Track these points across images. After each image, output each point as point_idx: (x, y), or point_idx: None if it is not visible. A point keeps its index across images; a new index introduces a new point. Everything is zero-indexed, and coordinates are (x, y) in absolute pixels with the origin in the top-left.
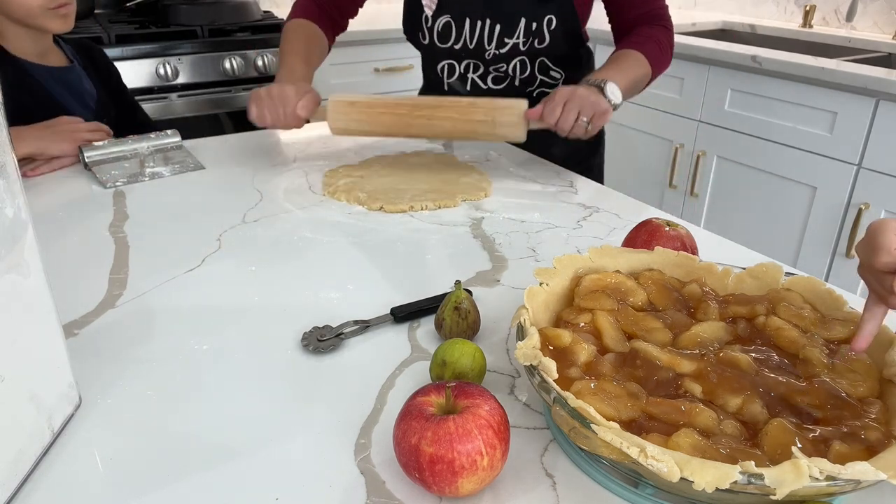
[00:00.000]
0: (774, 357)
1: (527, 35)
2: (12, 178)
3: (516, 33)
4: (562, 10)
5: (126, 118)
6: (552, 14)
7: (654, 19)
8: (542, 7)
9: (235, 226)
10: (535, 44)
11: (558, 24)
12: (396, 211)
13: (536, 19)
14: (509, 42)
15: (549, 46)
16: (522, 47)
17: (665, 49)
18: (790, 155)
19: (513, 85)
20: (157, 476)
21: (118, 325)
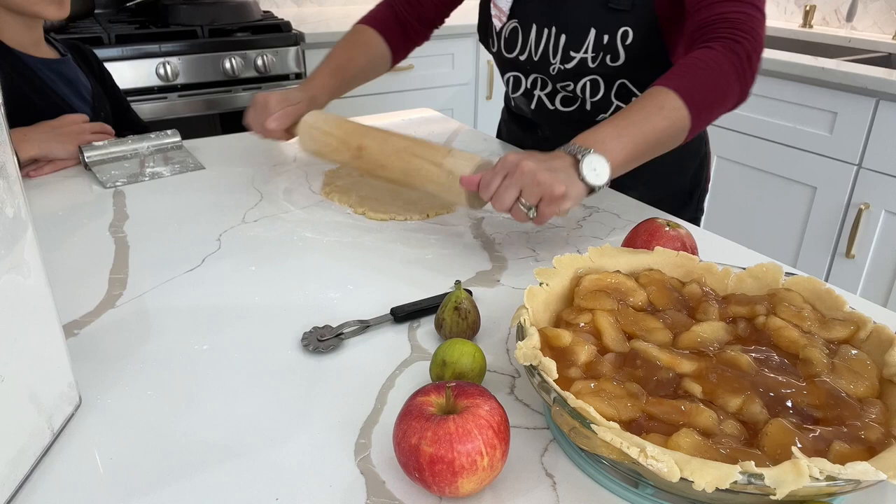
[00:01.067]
0: (774, 357)
1: (597, 50)
2: (12, 178)
3: (584, 46)
4: (640, 21)
5: (119, 116)
6: (628, 26)
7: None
8: (615, 17)
9: (235, 226)
10: (607, 61)
11: (636, 40)
12: (377, 219)
13: (608, 31)
14: (576, 56)
15: (626, 66)
16: (592, 63)
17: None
18: (790, 155)
19: (583, 108)
20: (157, 476)
21: (118, 325)
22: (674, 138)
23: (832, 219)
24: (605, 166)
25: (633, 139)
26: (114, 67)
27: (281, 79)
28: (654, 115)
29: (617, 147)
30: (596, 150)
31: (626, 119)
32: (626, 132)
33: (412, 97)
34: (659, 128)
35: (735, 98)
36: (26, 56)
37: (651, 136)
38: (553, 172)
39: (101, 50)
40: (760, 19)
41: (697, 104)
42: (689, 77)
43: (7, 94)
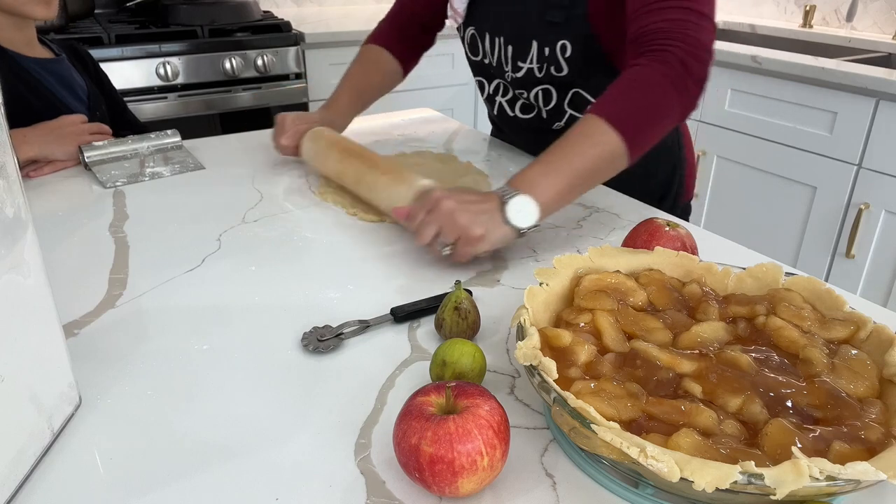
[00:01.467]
0: (774, 357)
1: (540, 61)
2: (12, 178)
3: (529, 57)
4: (576, 34)
5: (115, 116)
6: (565, 39)
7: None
8: (553, 30)
9: (235, 226)
10: (552, 71)
11: (575, 52)
12: (368, 220)
13: (548, 44)
14: (523, 66)
15: (572, 76)
16: (538, 73)
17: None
18: (790, 155)
19: (540, 116)
20: (157, 476)
21: (118, 325)
22: (610, 164)
23: (832, 219)
24: (532, 207)
25: (561, 174)
26: (114, 67)
27: (281, 79)
28: (582, 146)
29: (545, 184)
30: (523, 191)
31: (553, 154)
32: (554, 168)
33: (412, 97)
34: (589, 157)
35: (678, 110)
36: (19, 56)
37: (581, 166)
38: (474, 214)
39: (101, 50)
40: (698, 23)
41: (629, 126)
42: (618, 100)
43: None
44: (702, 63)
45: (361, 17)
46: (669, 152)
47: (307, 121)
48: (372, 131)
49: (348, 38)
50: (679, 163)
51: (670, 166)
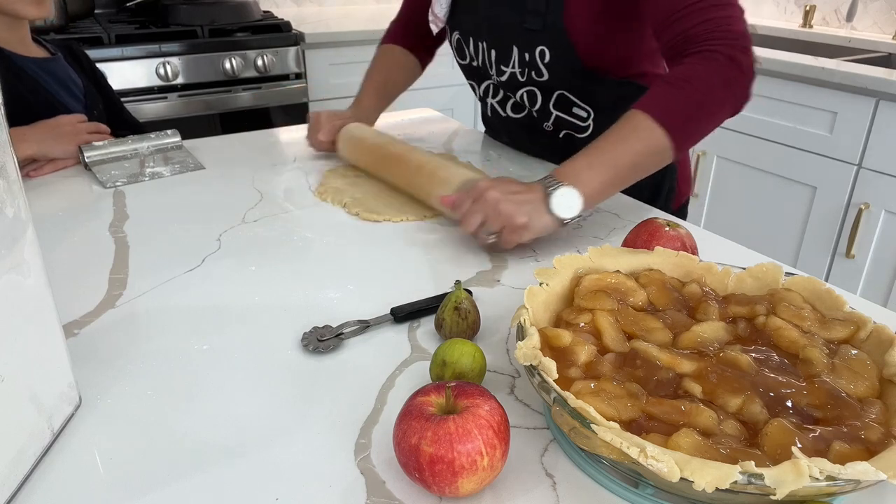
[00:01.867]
0: (774, 357)
1: (521, 66)
2: (12, 178)
3: (511, 62)
4: (554, 41)
5: (113, 116)
6: (543, 45)
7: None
8: (531, 36)
9: (235, 226)
10: (533, 76)
11: (553, 58)
12: (370, 219)
13: (528, 50)
14: (506, 70)
15: (553, 81)
16: (521, 77)
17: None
18: (790, 155)
19: (530, 116)
20: (157, 476)
21: (118, 325)
22: (655, 159)
23: (832, 219)
24: (576, 199)
25: (606, 167)
26: (114, 67)
27: (281, 79)
28: (627, 140)
29: (590, 177)
30: (568, 182)
31: (598, 148)
32: (599, 161)
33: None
34: (633, 151)
35: (731, 103)
36: (15, 55)
37: (626, 160)
38: (517, 204)
39: (101, 50)
40: (730, 15)
41: (673, 121)
42: (664, 96)
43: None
44: (747, 53)
45: (361, 17)
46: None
47: (341, 117)
48: None
49: (348, 38)
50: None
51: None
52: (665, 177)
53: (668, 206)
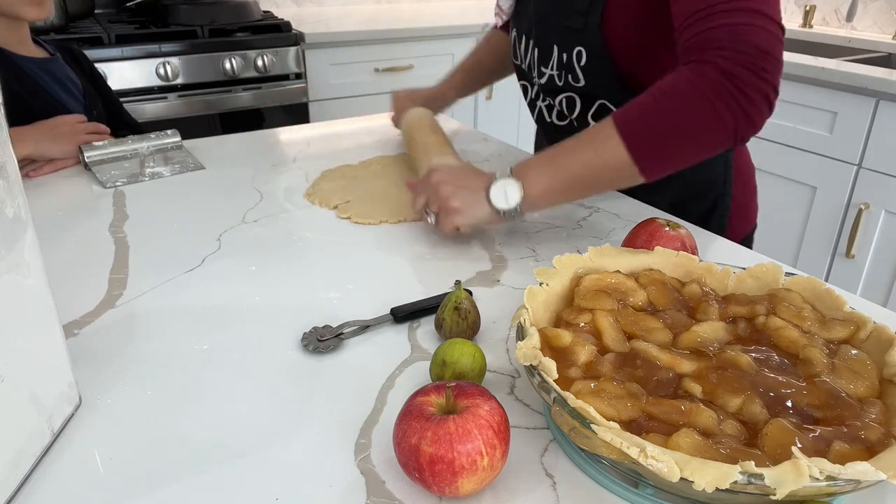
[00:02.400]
0: (774, 357)
1: (559, 68)
2: (12, 178)
3: (550, 63)
4: (591, 42)
5: (112, 116)
6: (581, 46)
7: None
8: (571, 36)
9: (235, 226)
10: (570, 80)
11: (590, 61)
12: (365, 223)
13: (566, 50)
14: (545, 72)
15: (590, 87)
16: (559, 81)
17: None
18: (790, 155)
19: (571, 125)
20: (157, 476)
21: (118, 325)
22: (614, 174)
23: (832, 219)
24: (515, 193)
25: (556, 171)
26: (114, 67)
27: (281, 79)
28: (585, 150)
29: (537, 177)
30: (517, 177)
31: (557, 150)
32: (551, 163)
33: None
34: (585, 161)
35: (720, 131)
36: (14, 55)
37: (576, 169)
38: (456, 188)
39: (101, 50)
40: (752, 23)
41: (637, 139)
42: (635, 109)
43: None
44: (760, 70)
45: (361, 17)
46: (708, 191)
47: (413, 97)
48: (372, 131)
49: (348, 38)
50: (720, 202)
51: (707, 206)
52: (712, 216)
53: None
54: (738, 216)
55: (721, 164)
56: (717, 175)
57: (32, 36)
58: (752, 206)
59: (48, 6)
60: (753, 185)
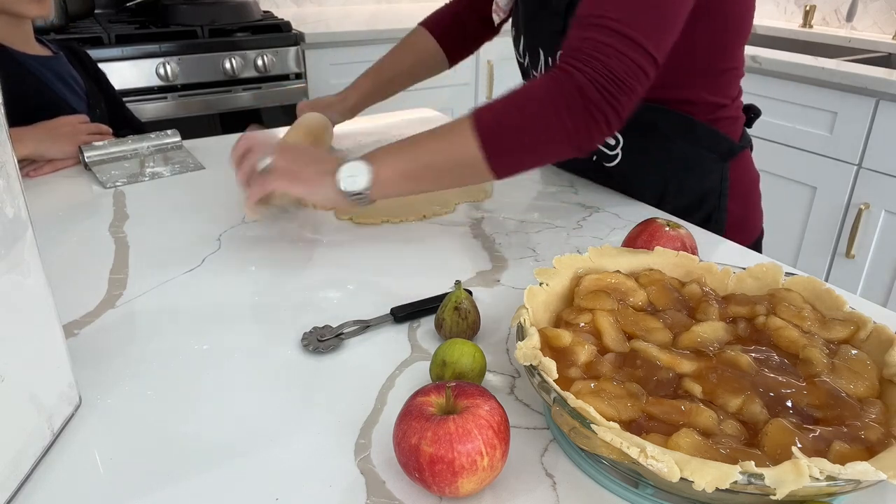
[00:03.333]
0: (774, 357)
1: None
2: (12, 178)
3: (539, 67)
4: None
5: (115, 114)
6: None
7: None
8: (555, 39)
9: (235, 226)
10: None
11: None
12: (366, 223)
13: (552, 54)
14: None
15: None
16: None
17: (535, 109)
18: (790, 155)
19: None
20: (157, 476)
21: (118, 325)
22: (467, 170)
23: (832, 219)
24: (363, 176)
25: (407, 158)
26: (114, 67)
27: (281, 79)
28: (440, 141)
29: (389, 162)
30: (368, 160)
31: (413, 139)
32: (405, 150)
33: (412, 97)
34: (442, 155)
35: (564, 142)
36: (18, 53)
37: (427, 159)
38: (306, 164)
39: (101, 50)
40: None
41: (491, 138)
42: (493, 108)
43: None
44: (607, 94)
45: (361, 17)
46: (701, 204)
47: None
48: (371, 131)
49: (348, 38)
50: (714, 216)
51: (700, 219)
52: (709, 224)
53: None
54: (737, 230)
55: (716, 177)
56: (711, 187)
57: (35, 35)
58: (752, 219)
59: (48, 3)
60: (755, 199)
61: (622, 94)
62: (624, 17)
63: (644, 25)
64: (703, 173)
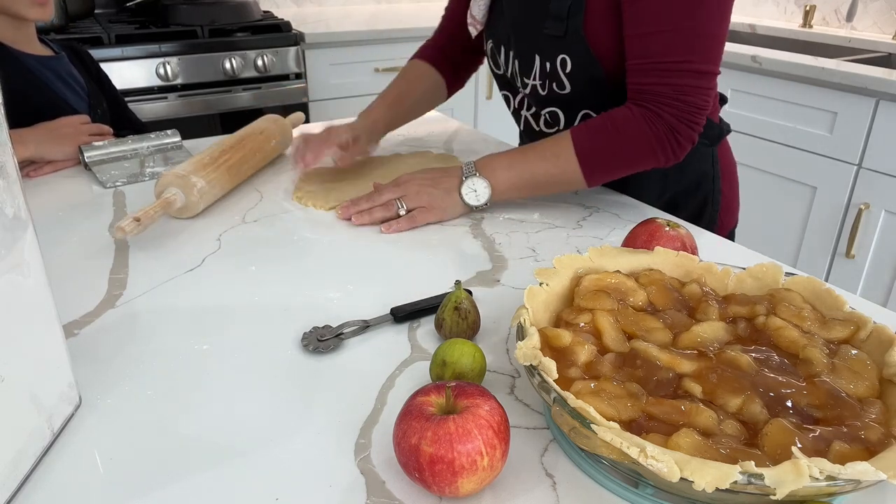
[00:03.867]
0: (774, 357)
1: (542, 77)
2: (12, 178)
3: (532, 74)
4: (575, 49)
5: (116, 114)
6: (565, 54)
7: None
8: (553, 44)
9: (235, 226)
10: (554, 88)
11: (575, 67)
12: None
13: (549, 59)
14: (528, 83)
15: (575, 95)
16: (542, 91)
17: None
18: (790, 155)
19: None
20: (157, 476)
21: (118, 325)
22: (564, 186)
23: (832, 219)
24: (486, 190)
25: (521, 175)
26: (114, 67)
27: (281, 79)
28: (547, 161)
29: (505, 177)
30: (483, 174)
31: (521, 154)
32: (518, 167)
33: None
34: (548, 173)
35: (653, 163)
36: (20, 53)
37: (538, 177)
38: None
39: (101, 50)
40: (696, 85)
41: (592, 163)
42: (596, 135)
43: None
44: (692, 125)
45: (361, 17)
46: (699, 185)
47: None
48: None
49: (348, 38)
50: (711, 197)
51: (699, 201)
52: (704, 210)
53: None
54: (726, 211)
55: (709, 161)
56: (706, 171)
57: (38, 35)
58: (736, 201)
59: (51, 7)
60: (737, 181)
61: (701, 116)
62: (691, 56)
63: (708, 56)
64: (699, 158)
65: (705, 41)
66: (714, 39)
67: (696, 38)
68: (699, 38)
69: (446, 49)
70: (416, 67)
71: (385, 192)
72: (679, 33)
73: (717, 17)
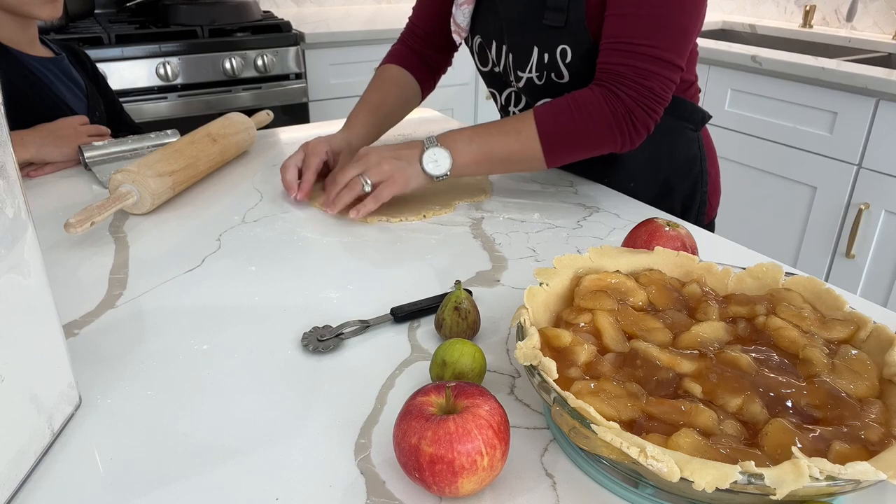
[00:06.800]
0: (774, 357)
1: (540, 69)
2: (12, 179)
3: (529, 66)
4: (576, 39)
5: (112, 117)
6: (565, 44)
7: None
8: (553, 35)
9: (235, 226)
10: (553, 78)
11: (575, 57)
12: (366, 222)
13: (548, 50)
14: (522, 76)
15: (575, 84)
16: (539, 82)
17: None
18: (790, 155)
19: None
20: (157, 476)
21: (118, 325)
22: (524, 163)
23: (832, 219)
24: (447, 160)
25: (482, 149)
26: (114, 67)
27: (281, 79)
28: (508, 136)
29: (465, 150)
30: (444, 145)
31: (483, 130)
32: (479, 142)
33: None
34: (508, 149)
35: (612, 145)
36: (21, 54)
37: (498, 152)
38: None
39: (101, 50)
40: (659, 72)
41: (551, 141)
42: (557, 116)
43: (5, 91)
44: (650, 111)
45: (361, 17)
46: (690, 169)
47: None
48: None
49: (348, 38)
50: (700, 179)
51: (691, 183)
52: (696, 192)
53: (700, 221)
54: (713, 192)
55: (696, 145)
56: (694, 154)
57: (38, 35)
58: (720, 183)
59: (60, 5)
60: (718, 164)
61: (660, 105)
62: (658, 42)
63: (674, 46)
64: (687, 142)
65: (673, 31)
66: (682, 31)
67: (665, 26)
68: (668, 27)
69: (417, 49)
70: (388, 71)
71: (347, 171)
72: (650, 18)
73: (690, 9)
